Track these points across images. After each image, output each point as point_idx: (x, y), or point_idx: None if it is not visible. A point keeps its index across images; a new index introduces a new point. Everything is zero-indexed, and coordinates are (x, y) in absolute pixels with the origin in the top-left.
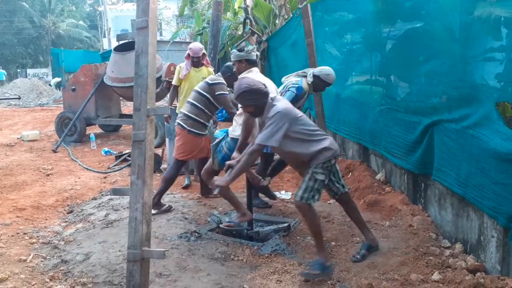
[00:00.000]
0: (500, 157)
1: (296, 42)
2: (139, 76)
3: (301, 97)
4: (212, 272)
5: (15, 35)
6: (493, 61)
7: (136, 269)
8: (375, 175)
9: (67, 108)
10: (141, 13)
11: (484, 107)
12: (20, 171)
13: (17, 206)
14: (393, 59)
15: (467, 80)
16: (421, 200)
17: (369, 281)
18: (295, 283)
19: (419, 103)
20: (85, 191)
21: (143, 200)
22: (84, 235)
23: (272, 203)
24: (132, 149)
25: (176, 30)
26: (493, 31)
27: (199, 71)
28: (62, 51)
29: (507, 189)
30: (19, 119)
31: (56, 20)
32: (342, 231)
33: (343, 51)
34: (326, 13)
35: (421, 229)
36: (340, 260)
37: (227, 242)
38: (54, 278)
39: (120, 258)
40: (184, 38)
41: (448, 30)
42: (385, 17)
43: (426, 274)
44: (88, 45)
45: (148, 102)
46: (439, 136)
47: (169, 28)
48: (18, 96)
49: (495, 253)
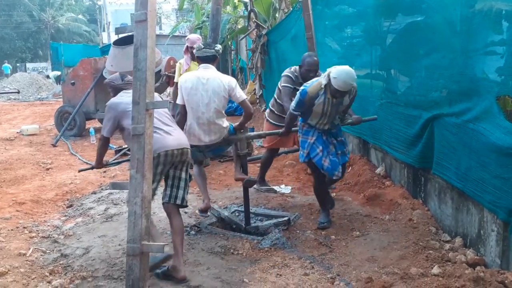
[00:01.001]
0: (501, 151)
1: (296, 36)
2: (138, 69)
3: (307, 101)
4: (211, 266)
5: (14, 29)
6: (493, 54)
7: (135, 263)
8: (375, 169)
9: (67, 102)
10: (140, 6)
11: (485, 101)
12: (19, 165)
13: (16, 200)
14: (393, 52)
15: (467, 74)
16: (421, 194)
17: (369, 275)
18: (294, 276)
19: (420, 97)
20: (84, 185)
21: (142, 194)
22: (83, 229)
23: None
24: (131, 143)
25: (176, 24)
26: (494, 25)
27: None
28: (61, 45)
29: (507, 183)
30: (19, 113)
31: (55, 14)
32: (342, 225)
33: (343, 45)
34: (327, 7)
35: (421, 223)
36: (340, 254)
37: (226, 236)
38: (53, 272)
39: (120, 252)
40: (184, 32)
41: (448, 23)
42: (385, 10)
43: (426, 268)
44: (88, 39)
45: (147, 95)
46: (439, 130)
47: (169, 22)
48: (17, 90)
49: (495, 247)
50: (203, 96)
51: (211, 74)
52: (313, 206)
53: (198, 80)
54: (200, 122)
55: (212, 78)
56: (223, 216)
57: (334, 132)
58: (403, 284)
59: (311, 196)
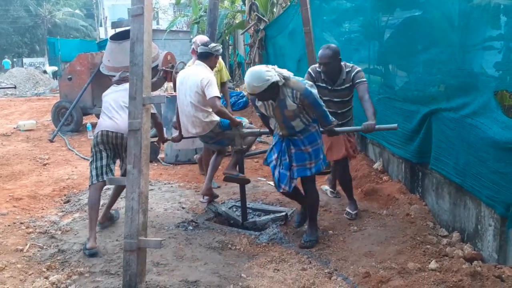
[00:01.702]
0: (498, 145)
1: (294, 30)
2: (135, 64)
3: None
4: (209, 261)
5: (11, 24)
6: (491, 49)
7: (132, 259)
8: (372, 164)
9: (64, 97)
10: (136, 0)
11: (483, 96)
12: (16, 161)
13: (13, 196)
14: (391, 47)
15: (465, 69)
16: (418, 189)
17: (367, 270)
18: (292, 271)
19: (417, 92)
20: (82, 181)
21: (139, 189)
22: (81, 225)
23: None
24: (127, 139)
25: (173, 19)
26: (492, 19)
27: None
28: (58, 40)
29: (505, 178)
30: (16, 108)
31: (52, 9)
32: (339, 220)
33: (341, 40)
34: (324, 1)
35: (418, 218)
36: (337, 249)
37: (224, 231)
38: (51, 268)
39: (117, 247)
40: (181, 27)
41: (447, 18)
42: (383, 5)
43: (423, 263)
44: (85, 34)
45: (144, 90)
46: (437, 125)
47: (166, 17)
48: (14, 85)
49: (492, 241)
50: (186, 90)
51: (194, 71)
52: None
53: (185, 76)
54: (185, 114)
55: (193, 74)
56: (220, 212)
57: (296, 140)
58: (401, 279)
59: None
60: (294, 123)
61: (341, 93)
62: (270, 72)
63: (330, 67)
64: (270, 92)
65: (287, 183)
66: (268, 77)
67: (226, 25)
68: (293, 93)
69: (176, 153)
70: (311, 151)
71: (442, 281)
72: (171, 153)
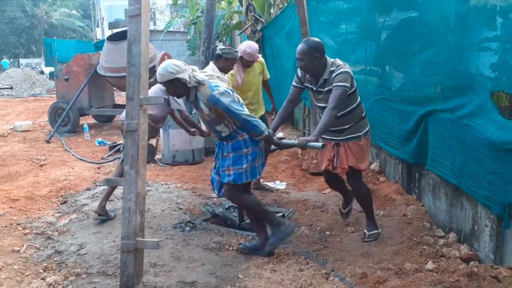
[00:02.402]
0: (495, 146)
1: (291, 31)
2: (132, 64)
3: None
4: (206, 262)
5: (7, 24)
6: (488, 50)
7: (130, 260)
8: (369, 165)
9: (60, 98)
10: (133, 1)
11: (479, 96)
12: (13, 162)
13: (10, 197)
14: (388, 48)
15: (462, 70)
16: (415, 189)
17: (364, 270)
18: (289, 272)
19: (414, 93)
20: (78, 182)
21: (136, 190)
22: (78, 226)
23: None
24: (125, 139)
25: (170, 20)
26: (488, 21)
27: (252, 69)
28: (55, 40)
29: (501, 178)
30: (12, 109)
31: (49, 10)
32: (336, 220)
33: (338, 40)
34: (321, 2)
35: (415, 218)
36: (334, 249)
37: (221, 232)
38: (47, 269)
39: (114, 248)
40: (178, 27)
41: (443, 19)
42: (380, 6)
43: (420, 263)
44: (81, 35)
45: (141, 91)
46: (433, 126)
47: (163, 17)
48: (10, 86)
49: (488, 242)
50: None
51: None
52: (308, 202)
53: None
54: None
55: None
56: (217, 212)
57: (224, 145)
58: (398, 280)
59: (305, 192)
60: (219, 128)
61: (325, 96)
62: (178, 68)
63: (305, 64)
64: (174, 87)
65: (217, 186)
66: (172, 70)
67: (223, 26)
68: (202, 98)
69: (173, 154)
70: (231, 158)
71: (439, 281)
72: (168, 154)
